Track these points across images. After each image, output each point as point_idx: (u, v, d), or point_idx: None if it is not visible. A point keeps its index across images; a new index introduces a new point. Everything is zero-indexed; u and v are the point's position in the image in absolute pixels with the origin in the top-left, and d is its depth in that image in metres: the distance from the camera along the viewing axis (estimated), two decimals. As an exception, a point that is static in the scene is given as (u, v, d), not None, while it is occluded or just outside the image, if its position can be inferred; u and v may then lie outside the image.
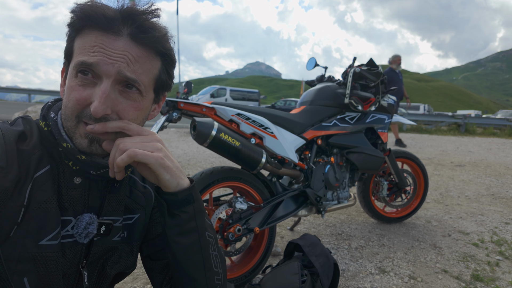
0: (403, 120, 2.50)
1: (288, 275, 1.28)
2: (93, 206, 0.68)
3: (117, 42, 0.58)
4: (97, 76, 0.59)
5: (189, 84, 1.89)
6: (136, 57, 0.60)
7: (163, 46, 0.63)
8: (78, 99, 0.59)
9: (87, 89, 0.59)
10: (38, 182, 0.60)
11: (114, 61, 0.58)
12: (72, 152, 0.61)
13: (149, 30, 0.60)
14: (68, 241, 0.65)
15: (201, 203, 0.70)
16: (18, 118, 0.65)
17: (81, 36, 0.60)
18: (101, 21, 0.57)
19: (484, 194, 3.56)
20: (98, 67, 0.57)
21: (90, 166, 0.63)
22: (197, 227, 0.69)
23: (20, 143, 0.60)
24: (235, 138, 1.46)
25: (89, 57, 0.57)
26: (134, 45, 0.60)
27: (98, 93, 0.58)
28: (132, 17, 0.59)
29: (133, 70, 0.60)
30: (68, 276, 0.67)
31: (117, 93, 0.60)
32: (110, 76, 0.58)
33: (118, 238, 0.73)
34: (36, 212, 0.59)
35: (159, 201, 0.67)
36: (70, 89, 0.60)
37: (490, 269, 1.91)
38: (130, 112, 0.62)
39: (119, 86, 0.60)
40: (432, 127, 13.46)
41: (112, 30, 0.58)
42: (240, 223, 1.58)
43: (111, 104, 0.59)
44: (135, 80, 0.60)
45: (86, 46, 0.58)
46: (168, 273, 0.79)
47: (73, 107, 0.59)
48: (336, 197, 2.05)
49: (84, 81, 0.59)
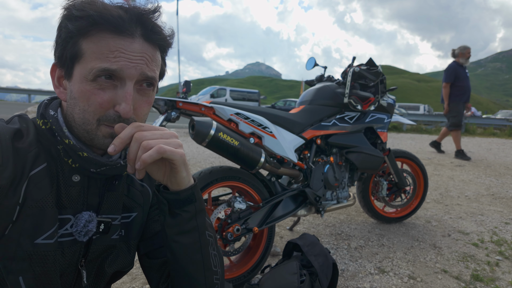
0: (403, 120, 2.50)
1: (287, 275, 1.28)
2: (92, 204, 0.68)
3: (134, 45, 0.59)
4: (117, 79, 0.60)
5: (187, 84, 1.89)
6: (151, 56, 0.62)
7: (169, 44, 0.67)
8: (101, 103, 0.59)
9: (107, 92, 0.59)
10: (34, 180, 0.59)
11: (136, 64, 0.60)
12: (74, 148, 0.61)
13: (159, 30, 0.63)
14: (67, 240, 0.65)
15: (202, 202, 0.71)
16: (14, 116, 0.65)
17: (92, 39, 0.58)
18: (118, 22, 0.57)
19: (484, 194, 3.55)
20: (121, 72, 0.58)
21: (91, 163, 0.63)
22: (198, 226, 0.69)
23: (16, 141, 0.59)
24: (234, 137, 1.46)
25: (111, 63, 0.58)
26: (148, 45, 0.62)
27: (122, 95, 0.59)
28: (142, 18, 0.60)
29: (151, 69, 0.62)
30: (66, 275, 0.66)
31: (135, 92, 0.62)
32: (133, 78, 0.60)
33: (116, 236, 0.73)
34: (31, 211, 0.59)
35: (160, 200, 0.67)
36: (88, 93, 0.59)
37: (490, 269, 1.90)
38: (144, 108, 0.65)
39: (137, 85, 0.62)
40: (432, 127, 13.45)
41: (127, 33, 0.59)
42: (239, 222, 1.57)
43: (133, 103, 0.61)
44: (155, 78, 0.63)
45: (104, 51, 0.58)
46: (165, 271, 0.79)
47: (95, 110, 0.59)
48: (335, 197, 2.04)
49: (104, 84, 0.59)
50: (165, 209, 0.67)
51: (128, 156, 0.60)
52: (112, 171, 0.66)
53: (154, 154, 0.58)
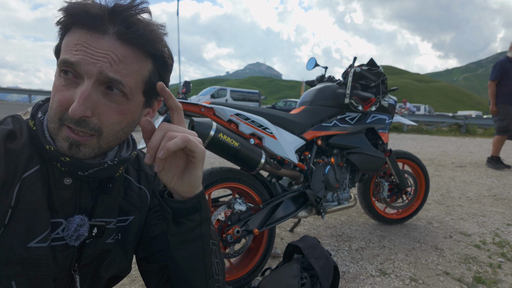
0: (403, 121, 2.48)
1: (288, 277, 1.26)
2: (85, 208, 0.66)
3: (101, 41, 0.55)
4: (79, 76, 0.56)
5: (187, 84, 1.88)
6: (121, 57, 0.56)
7: (152, 46, 0.59)
8: (60, 100, 0.56)
9: (70, 89, 0.57)
10: (27, 183, 0.58)
11: (96, 61, 0.55)
12: (55, 154, 0.59)
13: (136, 28, 0.56)
14: (59, 244, 0.63)
15: (208, 210, 0.68)
16: (8, 117, 0.63)
17: (68, 34, 0.58)
18: (84, 19, 0.55)
19: (485, 195, 3.54)
20: (79, 66, 0.55)
21: (77, 167, 0.60)
22: (202, 235, 0.67)
23: (9, 142, 0.58)
24: (234, 138, 1.44)
25: (71, 55, 0.55)
26: (120, 45, 0.56)
27: (77, 93, 0.55)
28: (117, 13, 0.56)
29: (117, 70, 0.56)
30: (59, 280, 0.65)
31: (99, 95, 0.57)
32: (91, 76, 0.55)
33: (111, 240, 0.71)
34: (24, 214, 0.57)
35: (164, 208, 0.65)
36: (54, 89, 0.58)
37: (492, 271, 1.89)
38: (112, 116, 0.59)
39: (102, 87, 0.57)
40: (433, 127, 13.44)
41: (97, 28, 0.56)
42: (239, 224, 1.56)
43: (92, 105, 0.56)
44: (119, 81, 0.56)
45: (70, 44, 0.56)
46: (164, 276, 0.77)
47: (56, 108, 0.57)
48: (336, 198, 2.03)
49: (67, 81, 0.56)
50: (169, 217, 0.64)
51: (150, 144, 0.58)
52: (101, 173, 0.64)
53: (179, 142, 0.57)
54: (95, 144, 0.60)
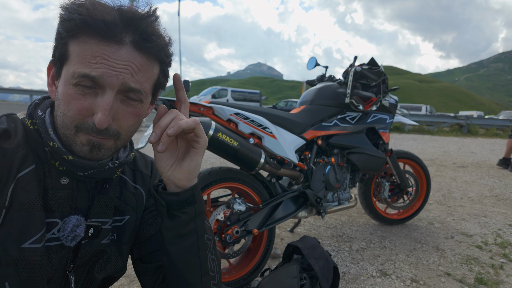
0: (405, 121, 2.47)
1: (287, 278, 1.25)
2: (81, 208, 0.65)
3: (120, 52, 0.55)
4: (99, 86, 0.56)
5: (186, 83, 1.85)
6: (140, 66, 0.57)
7: (166, 54, 0.61)
8: (79, 109, 0.56)
9: (88, 98, 0.56)
10: (21, 183, 0.57)
11: (118, 73, 0.55)
12: (58, 152, 0.58)
13: (152, 38, 0.57)
14: (54, 244, 0.62)
15: (202, 204, 0.68)
16: (2, 116, 0.62)
17: (78, 42, 0.55)
18: (101, 28, 0.53)
19: (487, 195, 3.52)
20: (102, 79, 0.55)
21: (77, 167, 0.60)
22: (197, 229, 0.67)
23: (3, 142, 0.57)
24: (233, 138, 1.43)
25: (92, 69, 0.54)
26: (138, 54, 0.57)
27: (101, 104, 0.55)
28: (134, 23, 0.55)
29: (137, 80, 0.58)
30: (54, 281, 0.64)
31: (118, 102, 0.58)
32: (114, 88, 0.56)
33: (107, 240, 0.70)
34: (18, 214, 0.56)
35: (158, 201, 0.65)
36: (69, 97, 0.56)
37: (494, 272, 1.87)
38: (130, 120, 0.61)
39: (120, 95, 0.58)
40: (434, 128, 13.41)
41: (114, 38, 0.54)
42: (238, 224, 1.55)
43: (113, 114, 0.58)
44: (139, 90, 0.58)
45: (87, 55, 0.54)
46: (160, 276, 0.76)
47: (74, 116, 0.56)
48: (336, 198, 2.02)
49: (86, 90, 0.56)
50: (163, 210, 0.64)
51: (159, 124, 0.60)
52: (100, 174, 0.64)
53: (191, 122, 0.60)
54: (113, 145, 0.61)
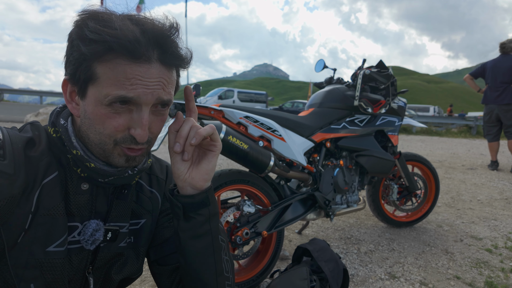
0: (413, 123, 2.46)
1: (297, 280, 1.26)
2: (100, 212, 0.68)
3: (151, 70, 0.57)
4: (133, 104, 0.59)
5: (197, 87, 1.88)
6: (168, 79, 0.61)
7: (186, 63, 0.64)
8: (116, 127, 0.59)
9: (123, 116, 0.59)
10: (46, 189, 0.60)
11: (153, 90, 0.58)
12: (81, 159, 0.61)
13: (177, 53, 0.61)
14: (75, 247, 0.65)
15: (216, 205, 0.71)
16: (27, 124, 0.65)
17: (107, 64, 0.55)
18: (131, 49, 0.54)
19: (497, 198, 3.48)
20: (139, 99, 0.57)
21: (98, 174, 0.63)
22: (211, 230, 0.69)
23: (28, 150, 0.60)
24: (243, 141, 1.45)
25: (128, 91, 0.56)
26: (165, 69, 0.60)
27: (139, 121, 0.59)
28: (160, 41, 0.57)
29: (168, 92, 0.61)
30: (74, 282, 0.67)
31: (150, 114, 0.62)
32: (149, 104, 0.59)
33: (124, 244, 0.73)
34: (43, 219, 0.59)
35: (174, 204, 0.67)
36: (103, 117, 0.58)
37: (504, 276, 1.86)
38: (160, 126, 0.65)
39: (152, 107, 0.62)
40: (443, 129, 13.27)
41: (143, 58, 0.56)
42: (248, 226, 1.56)
43: (149, 125, 0.62)
44: (170, 100, 0.63)
45: (120, 78, 0.55)
46: (176, 278, 0.78)
47: (111, 133, 0.59)
48: (345, 201, 2.02)
49: (120, 109, 0.58)
50: (180, 212, 0.67)
51: (180, 134, 0.66)
52: (120, 180, 0.66)
53: (208, 129, 0.65)
54: (145, 151, 0.65)
